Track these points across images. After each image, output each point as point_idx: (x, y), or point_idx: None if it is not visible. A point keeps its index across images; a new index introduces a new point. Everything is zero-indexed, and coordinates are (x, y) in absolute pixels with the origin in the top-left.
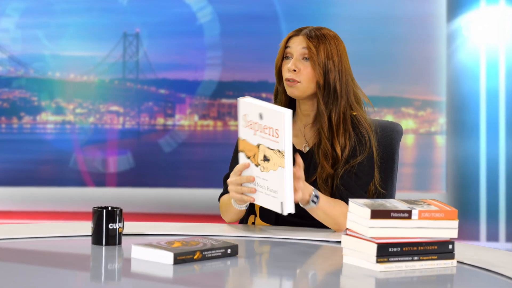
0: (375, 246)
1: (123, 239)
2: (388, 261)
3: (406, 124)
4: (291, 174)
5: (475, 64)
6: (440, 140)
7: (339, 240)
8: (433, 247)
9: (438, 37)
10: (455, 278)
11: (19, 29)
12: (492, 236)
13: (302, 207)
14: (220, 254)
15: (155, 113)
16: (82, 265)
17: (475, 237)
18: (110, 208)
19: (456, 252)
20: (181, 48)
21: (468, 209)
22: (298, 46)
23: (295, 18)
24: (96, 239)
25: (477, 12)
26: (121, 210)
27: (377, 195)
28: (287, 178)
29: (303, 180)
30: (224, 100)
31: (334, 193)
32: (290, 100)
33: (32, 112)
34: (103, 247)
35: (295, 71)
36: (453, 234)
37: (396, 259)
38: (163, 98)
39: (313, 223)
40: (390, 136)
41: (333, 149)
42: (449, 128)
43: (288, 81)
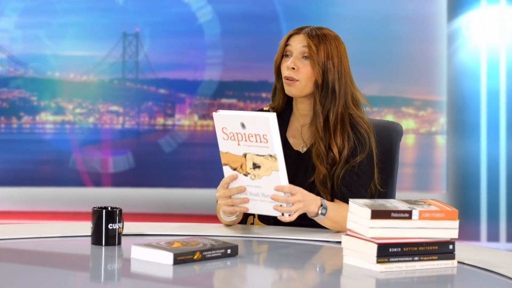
0: (375, 246)
1: (123, 239)
2: (389, 261)
3: (407, 124)
4: (286, 174)
5: (476, 64)
6: (441, 140)
7: (339, 240)
8: (433, 248)
9: (439, 36)
10: (455, 278)
11: (19, 29)
12: (493, 236)
13: None
14: (220, 254)
15: (155, 113)
16: (82, 265)
17: (475, 237)
18: (109, 208)
19: (457, 252)
20: (180, 47)
21: (469, 209)
22: (298, 44)
23: (295, 18)
24: (96, 239)
25: (477, 12)
26: (120, 210)
27: (377, 195)
28: (282, 180)
29: (307, 192)
30: (224, 100)
31: (335, 193)
32: (288, 99)
33: (32, 112)
34: (103, 247)
35: (294, 69)
36: (453, 234)
37: (397, 259)
38: (163, 98)
39: (312, 223)
40: (391, 136)
41: (330, 149)
42: (449, 128)
43: (287, 79)
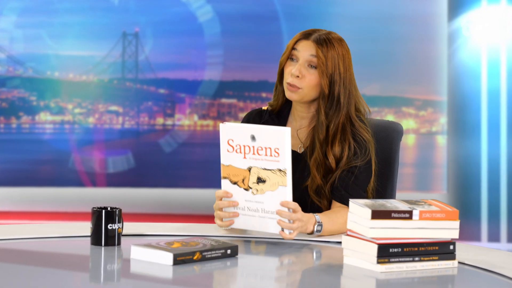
0: (375, 247)
1: (122, 239)
2: (389, 261)
3: (407, 124)
4: (291, 191)
5: (476, 63)
6: (441, 140)
7: (339, 240)
8: (434, 248)
9: (439, 36)
10: (456, 279)
11: (18, 28)
12: (493, 236)
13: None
14: (219, 254)
15: (155, 113)
16: (81, 265)
17: (476, 237)
18: (109, 208)
19: (457, 252)
20: (180, 47)
21: (469, 209)
22: (306, 52)
23: (296, 18)
24: (95, 239)
25: (478, 12)
26: (120, 211)
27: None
28: (288, 196)
29: (302, 212)
30: (224, 100)
31: (333, 195)
32: (287, 100)
33: (31, 112)
34: (102, 248)
35: (298, 77)
36: (454, 234)
37: (397, 259)
38: (162, 98)
39: None
40: (391, 136)
41: (326, 158)
42: (450, 128)
43: (290, 85)
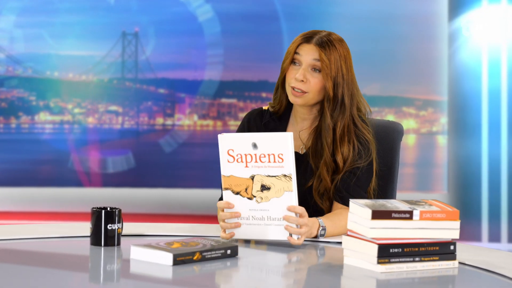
0: (376, 247)
1: (122, 239)
2: (389, 262)
3: (407, 124)
4: (297, 195)
5: (477, 63)
6: (442, 140)
7: (339, 241)
8: (434, 248)
9: (440, 36)
10: (456, 279)
11: (17, 28)
12: (494, 237)
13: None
14: (219, 255)
15: (154, 113)
16: (81, 266)
17: (476, 238)
18: (109, 208)
19: (458, 253)
20: (180, 47)
21: (470, 209)
22: (308, 56)
23: (296, 18)
24: (95, 240)
25: (479, 11)
26: (120, 211)
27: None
28: (294, 201)
29: (307, 216)
30: (224, 100)
31: (334, 196)
32: (289, 103)
33: (30, 112)
34: (102, 248)
35: (302, 81)
36: (454, 234)
37: (397, 260)
38: (162, 97)
39: None
40: (391, 136)
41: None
42: (450, 128)
43: (294, 89)
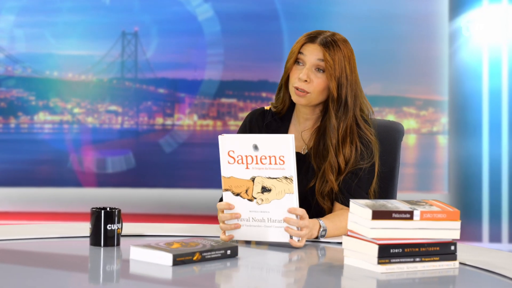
0: (376, 247)
1: (122, 240)
2: (390, 262)
3: (408, 124)
4: (298, 197)
5: (478, 63)
6: (442, 140)
7: (340, 241)
8: (435, 248)
9: (440, 36)
10: (457, 279)
11: (17, 28)
12: (495, 237)
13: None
14: (219, 255)
15: (154, 112)
16: (80, 266)
17: (477, 238)
18: (108, 208)
19: (458, 253)
20: (180, 47)
21: (471, 209)
22: (312, 56)
23: (296, 17)
24: (95, 240)
25: (479, 11)
26: (119, 211)
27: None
28: (295, 203)
29: (308, 218)
30: (224, 100)
31: (335, 196)
32: (292, 102)
33: (30, 111)
34: (102, 248)
35: (306, 81)
36: (455, 235)
37: (398, 260)
38: (162, 97)
39: None
40: (392, 136)
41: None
42: (451, 128)
43: (297, 89)
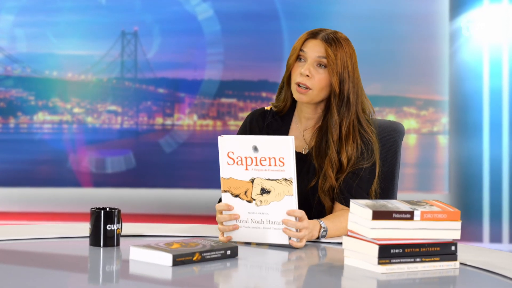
0: (376, 248)
1: (121, 240)
2: (390, 262)
3: (408, 123)
4: (297, 199)
5: (478, 63)
6: (443, 140)
7: (340, 241)
8: (435, 249)
9: (441, 35)
10: (457, 280)
11: (16, 27)
12: (495, 237)
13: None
14: (219, 255)
15: (154, 112)
16: (80, 266)
17: (478, 238)
18: (108, 209)
19: (459, 253)
20: (180, 46)
21: (471, 210)
22: (314, 52)
23: (296, 17)
24: (94, 240)
25: (480, 11)
26: (119, 211)
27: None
28: (294, 205)
29: (307, 219)
30: (224, 100)
31: (336, 196)
32: (294, 101)
33: (29, 111)
34: (101, 249)
35: (308, 76)
36: (455, 235)
37: (398, 260)
38: (162, 97)
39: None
40: (392, 136)
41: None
42: (451, 128)
43: (299, 86)
